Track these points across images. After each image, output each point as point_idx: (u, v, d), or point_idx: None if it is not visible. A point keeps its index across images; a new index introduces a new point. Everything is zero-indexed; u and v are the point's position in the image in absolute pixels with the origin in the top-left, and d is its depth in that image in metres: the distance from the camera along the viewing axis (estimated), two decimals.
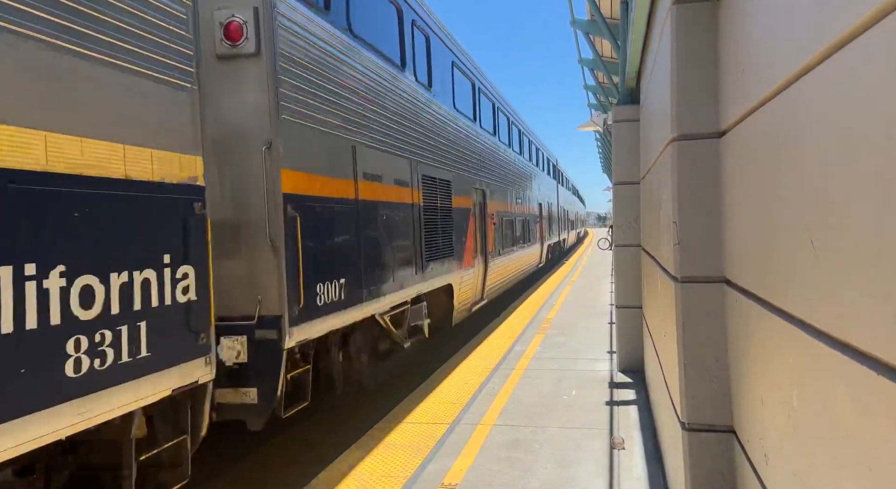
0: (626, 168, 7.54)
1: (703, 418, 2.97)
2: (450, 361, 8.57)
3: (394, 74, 7.23)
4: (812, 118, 1.64)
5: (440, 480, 4.63)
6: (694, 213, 3.02)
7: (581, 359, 8.39)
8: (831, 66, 1.48)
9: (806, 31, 1.64)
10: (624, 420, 5.86)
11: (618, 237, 7.85)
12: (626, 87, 7.51)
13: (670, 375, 3.62)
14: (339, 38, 5.74)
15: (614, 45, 8.03)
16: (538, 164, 21.79)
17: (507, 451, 5.15)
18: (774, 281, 2.04)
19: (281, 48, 4.66)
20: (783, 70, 1.83)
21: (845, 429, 1.43)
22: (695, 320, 3.01)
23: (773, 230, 2.04)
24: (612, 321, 11.01)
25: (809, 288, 1.68)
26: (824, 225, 1.55)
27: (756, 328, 2.33)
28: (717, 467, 2.93)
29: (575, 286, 17.40)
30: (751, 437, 2.49)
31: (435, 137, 8.83)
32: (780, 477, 2.03)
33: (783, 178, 1.90)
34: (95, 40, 2.94)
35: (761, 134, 2.17)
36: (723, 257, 2.93)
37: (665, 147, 3.54)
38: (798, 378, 1.81)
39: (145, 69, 3.24)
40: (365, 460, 5.07)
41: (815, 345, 1.63)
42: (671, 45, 3.09)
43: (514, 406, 6.40)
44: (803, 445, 1.77)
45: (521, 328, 10.93)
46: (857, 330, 1.36)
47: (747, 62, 2.35)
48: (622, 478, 4.57)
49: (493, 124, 13.77)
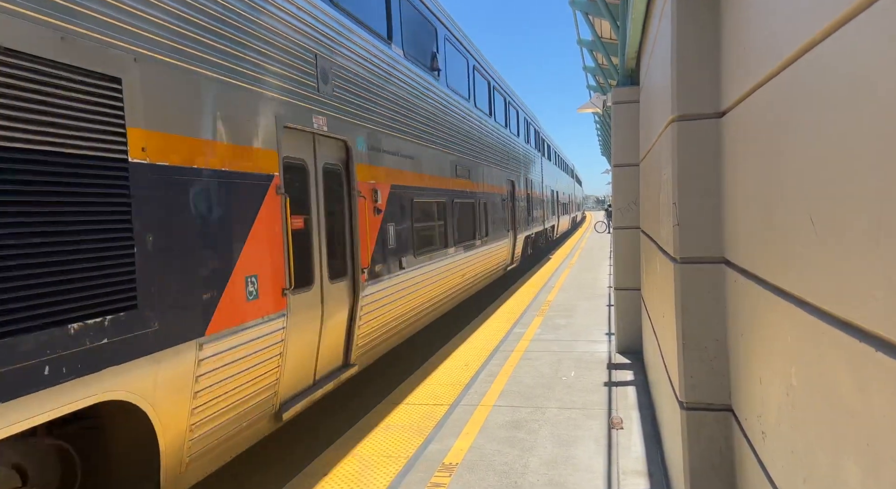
0: (626, 150, 7.51)
1: (701, 397, 3.00)
2: (450, 343, 8.61)
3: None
4: (813, 96, 1.63)
5: (441, 460, 4.68)
6: (694, 194, 3.01)
7: (580, 341, 8.43)
8: (834, 43, 1.47)
9: (809, 7, 1.63)
10: (622, 400, 5.91)
11: (617, 219, 7.85)
12: (626, 69, 7.46)
13: (669, 355, 3.65)
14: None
15: (614, 25, 7.95)
16: (507, 125, 15.53)
17: (507, 431, 5.20)
18: (774, 260, 2.05)
19: None
20: (785, 48, 1.82)
21: (844, 406, 1.45)
22: (694, 301, 3.02)
23: (772, 209, 2.04)
24: (610, 303, 11.05)
25: (809, 266, 1.69)
26: (824, 203, 1.56)
27: (755, 307, 2.35)
28: (715, 446, 2.96)
29: (574, 269, 17.43)
30: (749, 416, 2.52)
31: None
32: (778, 454, 2.05)
33: (784, 157, 1.90)
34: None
35: (762, 113, 2.16)
36: (722, 238, 2.93)
37: (665, 128, 3.52)
38: (797, 356, 1.82)
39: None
40: (365, 441, 5.12)
41: (815, 323, 1.64)
42: (672, 24, 3.06)
43: (514, 387, 6.45)
44: (801, 422, 1.79)
45: (521, 310, 10.97)
46: (857, 307, 1.37)
47: (749, 40, 2.33)
48: (621, 457, 4.63)
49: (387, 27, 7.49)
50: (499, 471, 4.44)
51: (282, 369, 4.79)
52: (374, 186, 6.63)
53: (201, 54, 3.95)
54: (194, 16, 3.90)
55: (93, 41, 3.10)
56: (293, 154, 5.07)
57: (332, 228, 5.69)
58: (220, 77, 4.14)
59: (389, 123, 7.20)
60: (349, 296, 5.98)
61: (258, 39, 4.60)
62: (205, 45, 3.99)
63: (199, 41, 3.95)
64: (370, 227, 6.44)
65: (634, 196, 7.47)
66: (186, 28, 3.83)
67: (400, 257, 7.30)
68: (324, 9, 5.70)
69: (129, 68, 3.31)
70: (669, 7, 3.15)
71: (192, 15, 3.88)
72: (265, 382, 4.59)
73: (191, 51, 3.86)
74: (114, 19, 3.25)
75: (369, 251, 6.39)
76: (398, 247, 7.24)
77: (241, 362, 4.25)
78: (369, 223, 6.41)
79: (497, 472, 4.43)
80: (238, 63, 4.34)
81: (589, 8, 8.62)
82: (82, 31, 3.05)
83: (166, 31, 3.64)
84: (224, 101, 4.16)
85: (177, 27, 3.74)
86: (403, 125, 7.70)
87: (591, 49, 11.55)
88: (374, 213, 6.54)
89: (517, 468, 4.49)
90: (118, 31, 3.27)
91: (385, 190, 6.93)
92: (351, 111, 6.10)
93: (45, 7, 2.85)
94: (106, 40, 3.18)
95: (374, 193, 6.63)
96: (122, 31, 3.29)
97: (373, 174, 6.62)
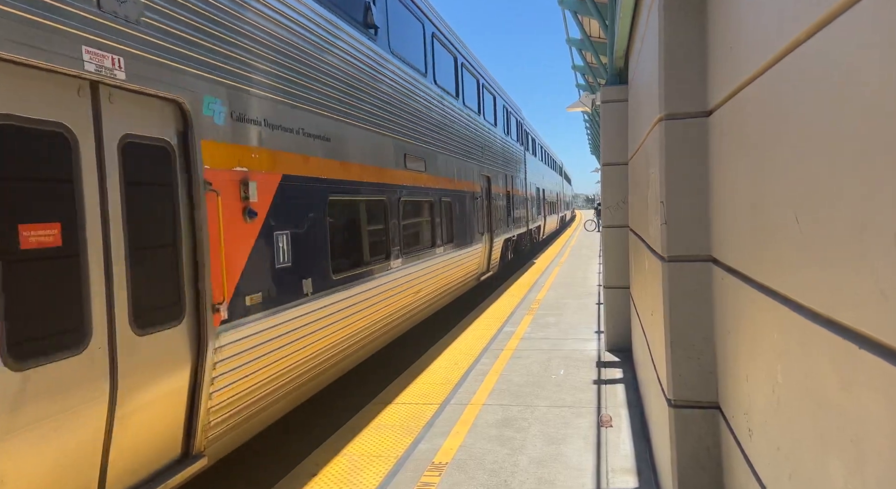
0: (615, 149, 7.54)
1: (689, 395, 3.01)
2: (440, 343, 8.61)
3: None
4: (798, 95, 1.64)
5: (430, 459, 4.68)
6: (681, 193, 3.03)
7: (570, 339, 8.46)
8: (817, 42, 1.48)
9: (793, 7, 1.64)
10: (612, 398, 5.93)
11: (606, 218, 7.88)
12: (615, 68, 7.49)
13: (657, 353, 3.67)
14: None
15: (602, 24, 7.98)
16: (481, 112, 13.60)
17: (497, 430, 5.21)
18: (760, 258, 2.06)
19: None
20: (771, 46, 1.83)
21: (828, 403, 1.46)
22: (682, 299, 3.04)
23: (758, 208, 2.05)
24: (600, 301, 11.10)
25: (794, 264, 1.70)
26: (809, 201, 1.56)
27: (742, 305, 2.36)
28: (703, 443, 2.98)
29: (563, 268, 17.48)
30: (736, 413, 2.54)
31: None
32: (764, 451, 2.07)
33: (769, 155, 1.91)
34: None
35: (748, 112, 2.17)
36: (710, 236, 2.95)
37: (653, 127, 3.54)
38: (783, 353, 1.83)
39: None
40: (355, 441, 5.11)
41: (800, 320, 1.65)
42: (659, 24, 3.07)
43: (504, 385, 6.46)
44: (787, 419, 1.80)
45: (511, 308, 10.98)
46: (840, 305, 1.38)
47: (735, 39, 2.34)
48: (610, 454, 4.64)
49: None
50: (488, 470, 4.45)
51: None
52: (245, 176, 4.46)
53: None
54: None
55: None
56: (26, 113, 2.96)
57: (144, 242, 3.63)
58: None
59: (279, 84, 5.01)
60: (189, 350, 3.91)
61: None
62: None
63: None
64: (235, 239, 4.31)
65: (623, 195, 7.50)
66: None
67: (300, 279, 5.17)
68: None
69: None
70: (657, 6, 3.16)
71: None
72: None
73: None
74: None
75: (234, 275, 4.29)
76: (298, 265, 5.13)
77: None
78: (234, 232, 4.30)
79: (487, 471, 4.43)
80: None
81: (578, 7, 8.64)
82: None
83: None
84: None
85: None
86: (307, 89, 5.47)
87: (580, 48, 11.59)
88: (244, 216, 4.43)
89: (507, 466, 4.50)
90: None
91: (269, 182, 4.76)
92: (192, 52, 3.99)
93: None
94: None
95: (244, 187, 4.44)
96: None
97: (243, 157, 4.46)
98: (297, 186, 5.23)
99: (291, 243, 5.07)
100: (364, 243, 6.84)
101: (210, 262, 4.05)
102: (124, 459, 3.49)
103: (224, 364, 4.20)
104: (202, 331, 4.01)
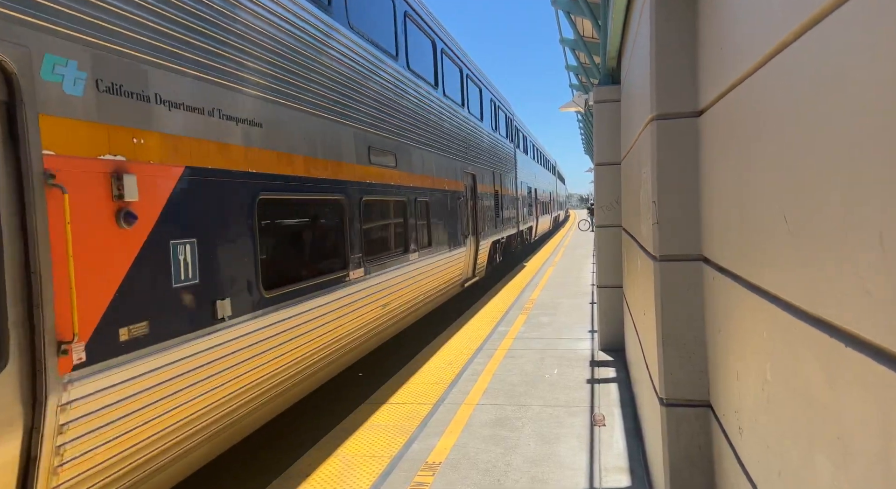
0: (608, 148, 7.56)
1: (680, 393, 3.03)
2: (434, 342, 8.61)
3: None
4: (785, 95, 1.65)
5: (424, 459, 4.69)
6: (673, 192, 3.04)
7: (563, 339, 8.48)
8: (806, 43, 1.49)
9: (780, 8, 1.65)
10: (605, 397, 5.95)
11: (599, 218, 7.90)
12: (607, 68, 7.51)
13: (649, 352, 3.68)
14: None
15: (595, 24, 8.00)
16: (465, 104, 12.62)
17: (490, 429, 5.22)
18: (749, 257, 2.08)
19: None
20: (760, 47, 1.85)
21: (815, 401, 1.47)
22: (673, 298, 3.05)
23: (748, 207, 2.07)
24: (593, 301, 11.13)
25: (782, 263, 1.72)
26: (797, 201, 1.58)
27: (732, 304, 2.38)
28: (695, 441, 3.00)
29: (557, 268, 17.51)
30: (726, 411, 2.55)
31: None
32: (754, 448, 2.08)
33: (758, 155, 1.92)
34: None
35: (738, 112, 2.19)
36: (701, 235, 2.96)
37: (645, 126, 3.55)
38: (771, 352, 1.85)
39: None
40: (349, 441, 5.11)
41: (788, 319, 1.66)
42: (651, 24, 3.09)
43: (497, 385, 6.47)
44: (776, 417, 1.81)
45: (506, 308, 11.00)
46: (827, 303, 1.39)
47: (725, 40, 2.36)
48: (603, 453, 4.66)
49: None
50: (482, 470, 4.45)
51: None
52: (119, 167, 3.39)
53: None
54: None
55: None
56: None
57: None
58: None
59: (182, 49, 3.94)
60: (14, 408, 2.81)
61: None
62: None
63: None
64: (101, 252, 3.25)
65: (616, 194, 7.52)
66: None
67: (212, 301, 4.13)
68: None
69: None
70: (648, 6, 3.18)
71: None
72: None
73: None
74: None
75: (99, 301, 3.22)
76: (209, 282, 4.10)
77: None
78: (97, 243, 3.24)
79: (480, 471, 4.44)
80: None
81: (571, 7, 8.67)
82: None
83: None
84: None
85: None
86: (226, 60, 4.40)
87: (573, 48, 11.62)
88: (117, 220, 3.36)
89: (500, 466, 4.50)
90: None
91: (163, 176, 3.74)
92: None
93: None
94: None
95: (117, 182, 3.36)
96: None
97: (116, 142, 3.38)
98: (210, 182, 4.17)
99: (199, 254, 3.99)
100: (310, 251, 5.89)
101: (53, 285, 2.93)
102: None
103: (80, 425, 3.07)
104: (38, 380, 2.88)
